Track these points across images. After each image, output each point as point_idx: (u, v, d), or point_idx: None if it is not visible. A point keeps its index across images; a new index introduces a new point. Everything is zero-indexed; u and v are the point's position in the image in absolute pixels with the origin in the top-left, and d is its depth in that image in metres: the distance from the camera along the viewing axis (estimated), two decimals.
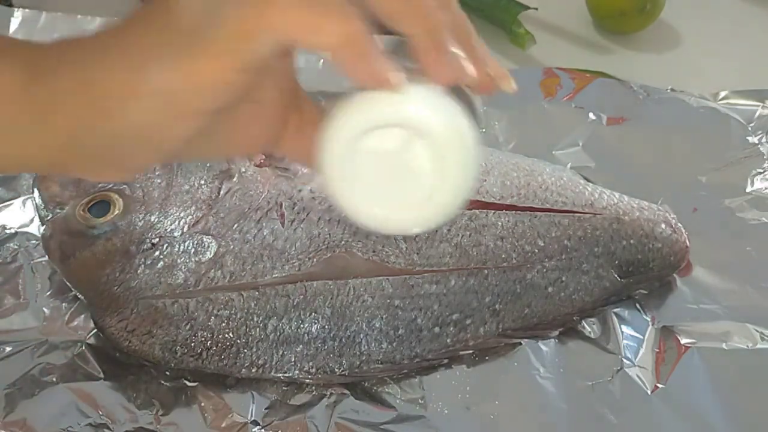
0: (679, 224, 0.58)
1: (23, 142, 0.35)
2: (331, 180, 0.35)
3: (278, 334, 0.51)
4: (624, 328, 0.54)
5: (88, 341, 0.53)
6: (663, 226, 0.57)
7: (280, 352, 0.51)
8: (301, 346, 0.51)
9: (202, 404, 0.50)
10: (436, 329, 0.52)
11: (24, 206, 0.60)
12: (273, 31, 0.30)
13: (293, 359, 0.51)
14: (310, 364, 0.51)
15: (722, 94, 0.69)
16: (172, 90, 0.32)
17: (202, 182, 0.54)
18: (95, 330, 0.53)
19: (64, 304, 0.55)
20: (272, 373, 0.51)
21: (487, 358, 0.53)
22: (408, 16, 0.33)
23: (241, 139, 0.37)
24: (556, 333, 0.54)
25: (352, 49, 0.31)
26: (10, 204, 0.60)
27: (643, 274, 0.56)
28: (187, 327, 0.51)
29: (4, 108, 0.34)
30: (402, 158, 0.34)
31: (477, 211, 0.54)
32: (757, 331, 0.54)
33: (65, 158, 0.35)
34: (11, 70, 0.34)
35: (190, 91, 0.32)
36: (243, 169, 0.55)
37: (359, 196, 0.35)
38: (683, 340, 0.54)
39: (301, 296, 0.51)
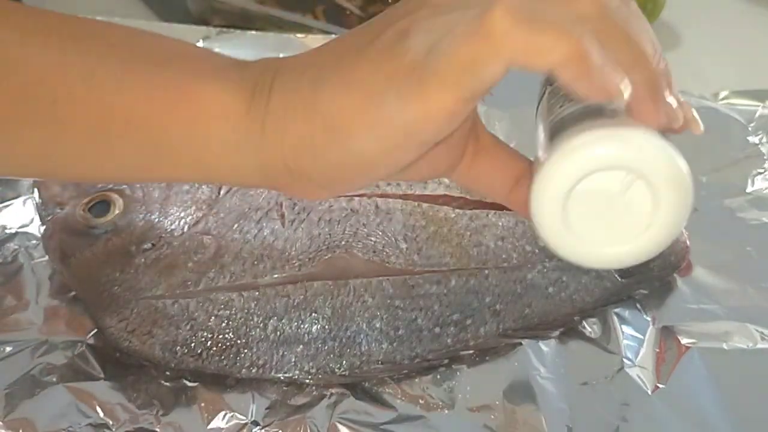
0: None
1: (238, 162, 0.36)
2: (546, 227, 0.36)
3: (278, 334, 0.51)
4: (624, 328, 0.54)
5: (88, 341, 0.53)
6: None
7: (280, 353, 0.51)
8: (301, 346, 0.51)
9: (202, 404, 0.50)
10: (437, 329, 0.52)
11: (24, 206, 0.60)
12: (499, 57, 0.31)
13: (293, 359, 0.51)
14: (311, 364, 0.51)
15: (722, 94, 0.69)
16: (404, 121, 0.32)
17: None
18: (95, 330, 0.53)
19: (64, 303, 0.55)
20: (272, 374, 0.51)
21: (487, 358, 0.53)
22: (634, 64, 0.33)
23: (425, 164, 0.38)
24: (557, 333, 0.54)
25: (576, 65, 0.31)
26: (11, 204, 0.60)
27: (644, 274, 0.56)
28: (187, 327, 0.51)
29: (223, 126, 0.35)
30: (617, 198, 0.35)
31: (477, 211, 0.54)
32: (757, 331, 0.54)
33: (278, 178, 0.36)
34: (232, 93, 0.35)
35: (421, 122, 0.32)
36: None
37: (575, 240, 0.36)
38: (683, 340, 0.54)
39: (302, 296, 0.51)
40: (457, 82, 0.31)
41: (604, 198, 0.35)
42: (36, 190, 0.56)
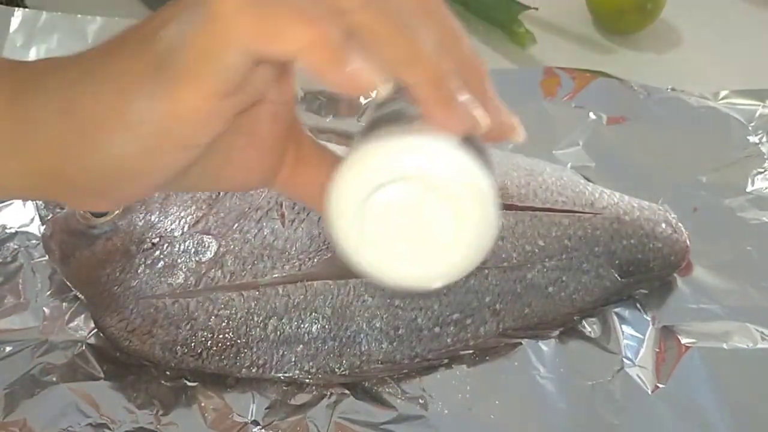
0: (680, 224, 0.58)
1: (3, 171, 0.33)
2: (342, 238, 0.33)
3: (278, 333, 0.51)
4: (624, 327, 0.54)
5: (88, 341, 0.53)
6: (663, 225, 0.57)
7: (281, 352, 0.51)
8: (301, 345, 0.51)
9: (202, 404, 0.50)
10: (437, 329, 0.52)
11: (24, 206, 0.60)
12: (231, 44, 0.28)
13: (293, 359, 0.51)
14: (311, 363, 0.51)
15: (722, 93, 0.69)
16: (155, 121, 0.30)
17: None
18: (95, 330, 0.53)
19: (64, 303, 0.55)
20: (272, 373, 0.51)
21: (487, 358, 0.53)
22: (408, 62, 0.30)
23: (235, 172, 0.35)
24: (557, 333, 0.54)
25: (320, 53, 0.28)
26: (11, 204, 0.60)
27: (644, 273, 0.56)
28: (188, 327, 0.51)
29: None
30: (416, 212, 0.32)
31: None
32: (757, 331, 0.54)
33: (47, 185, 0.34)
34: None
35: (173, 122, 0.30)
36: None
37: (373, 253, 0.33)
38: (683, 340, 0.54)
39: (302, 296, 0.51)
40: (199, 75, 0.29)
41: (402, 212, 0.32)
42: None
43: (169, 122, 0.30)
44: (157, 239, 0.53)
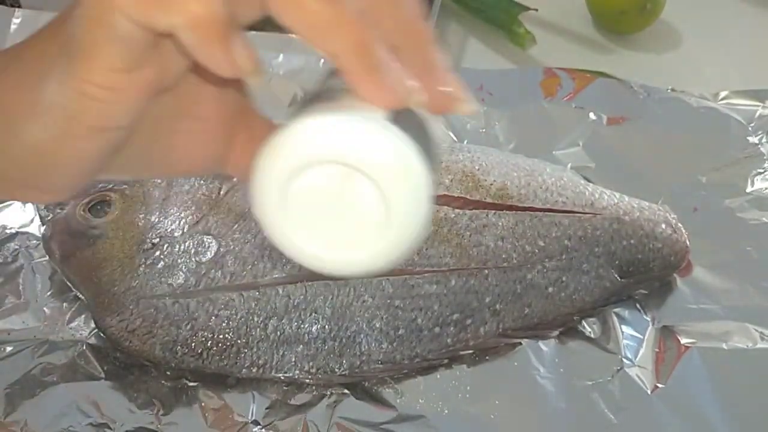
0: (680, 224, 0.58)
1: None
2: (268, 222, 0.31)
3: (279, 334, 0.51)
4: (624, 328, 0.54)
5: (88, 341, 0.53)
6: (663, 226, 0.57)
7: (281, 352, 0.51)
8: (301, 346, 0.51)
9: (203, 404, 0.50)
10: (437, 329, 0.52)
11: (24, 206, 0.60)
12: (115, 11, 0.26)
13: (293, 359, 0.51)
14: (311, 364, 0.51)
15: (722, 94, 0.69)
16: (62, 104, 0.29)
17: (203, 182, 0.54)
18: (96, 330, 0.53)
19: (64, 304, 0.55)
20: (272, 373, 0.51)
21: (487, 358, 0.53)
22: (325, 29, 0.27)
23: (181, 157, 0.34)
24: (557, 333, 0.54)
25: (203, 30, 0.26)
26: (11, 204, 0.60)
27: (644, 274, 0.56)
28: (188, 327, 0.51)
29: None
30: (343, 195, 0.30)
31: (477, 211, 0.54)
32: (757, 331, 0.54)
33: None
34: None
35: (78, 102, 0.28)
36: None
37: (299, 237, 0.31)
38: (683, 340, 0.54)
39: (302, 296, 0.51)
40: (94, 46, 0.27)
41: (326, 195, 0.29)
42: None
43: (75, 103, 0.28)
44: (158, 239, 0.53)
